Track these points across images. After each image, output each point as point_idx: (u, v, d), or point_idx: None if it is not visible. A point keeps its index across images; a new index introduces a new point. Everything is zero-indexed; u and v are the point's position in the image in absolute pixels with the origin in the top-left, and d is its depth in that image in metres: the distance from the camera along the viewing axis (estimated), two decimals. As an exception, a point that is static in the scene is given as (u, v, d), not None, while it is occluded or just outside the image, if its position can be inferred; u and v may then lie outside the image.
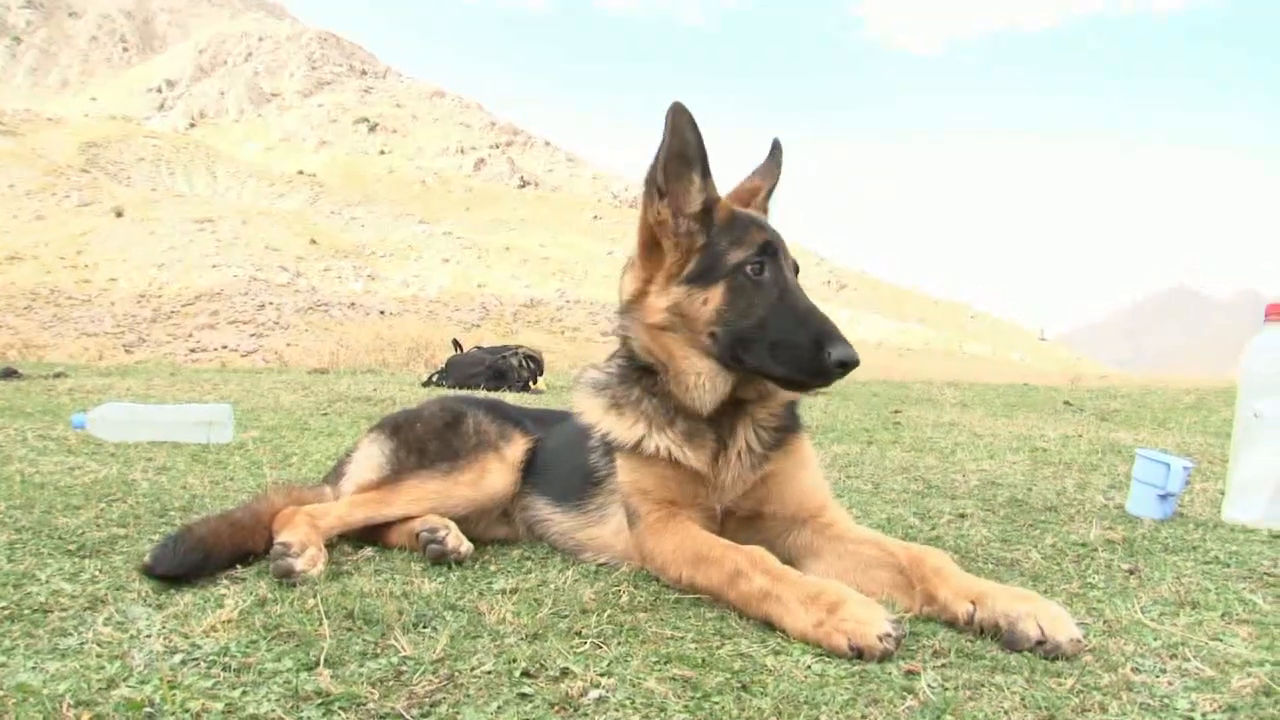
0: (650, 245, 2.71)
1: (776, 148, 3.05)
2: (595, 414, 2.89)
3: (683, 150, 2.62)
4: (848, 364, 2.43)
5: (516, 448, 3.22)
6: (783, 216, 2.84)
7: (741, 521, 2.78)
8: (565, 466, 3.13)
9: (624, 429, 2.79)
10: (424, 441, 3.18)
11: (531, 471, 3.22)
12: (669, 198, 2.65)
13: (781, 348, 2.50)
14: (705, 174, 2.65)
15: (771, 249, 2.62)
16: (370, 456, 3.22)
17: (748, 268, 2.57)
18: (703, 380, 2.64)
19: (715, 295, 2.57)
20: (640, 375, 2.80)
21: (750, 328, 2.54)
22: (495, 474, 3.12)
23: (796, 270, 2.70)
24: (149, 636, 2.07)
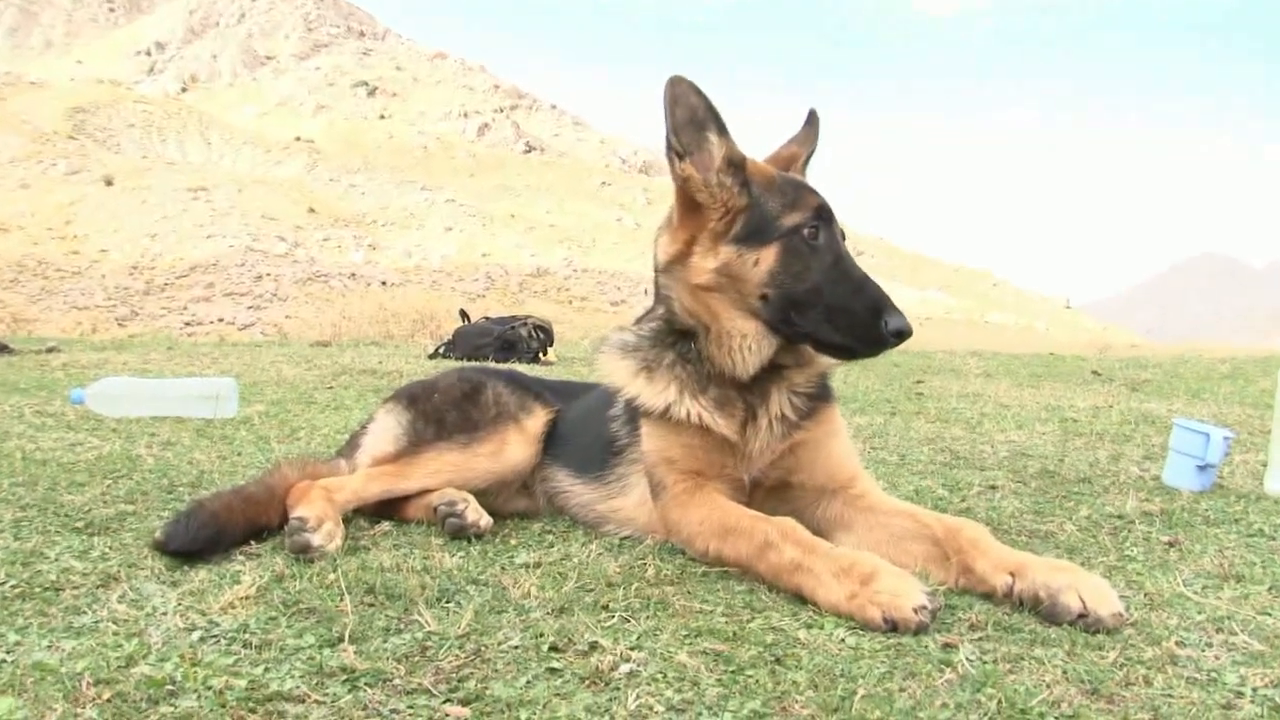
0: (689, 205, 2.71)
1: (813, 117, 3.08)
2: (623, 377, 2.90)
3: (692, 115, 2.64)
4: (904, 334, 2.48)
5: (537, 419, 3.23)
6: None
7: (770, 492, 2.79)
8: (586, 437, 3.16)
9: (653, 393, 2.80)
10: (442, 412, 3.20)
11: (552, 443, 3.24)
12: (689, 157, 2.67)
13: (838, 314, 2.53)
14: (722, 131, 2.67)
15: (827, 213, 2.64)
16: (386, 428, 3.23)
17: (805, 230, 2.59)
18: (748, 342, 2.66)
19: (768, 257, 2.58)
20: (675, 339, 2.81)
21: (805, 292, 2.56)
22: (515, 445, 3.13)
23: (844, 237, 2.71)
24: (165, 614, 2.09)
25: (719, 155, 2.67)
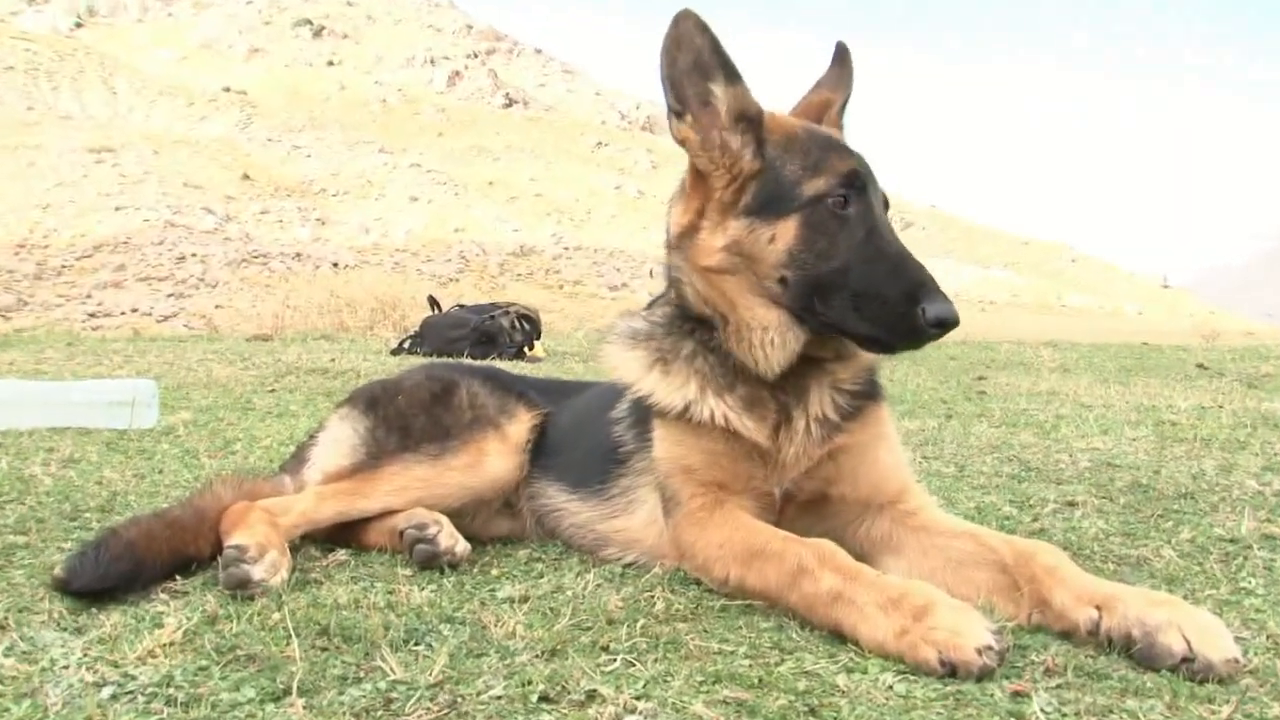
0: (698, 170, 2.75)
1: (843, 53, 3.10)
2: (633, 371, 2.92)
3: (696, 60, 2.67)
4: (946, 323, 2.48)
5: (520, 424, 3.26)
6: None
7: (804, 508, 2.82)
8: (584, 444, 3.18)
9: (670, 390, 2.82)
10: (407, 418, 3.22)
11: (541, 453, 3.26)
12: (690, 114, 2.70)
13: (867, 300, 2.54)
14: (731, 79, 2.69)
15: (859, 179, 2.65)
16: (341, 438, 3.25)
17: (829, 200, 2.60)
18: (770, 335, 2.68)
19: (786, 231, 2.60)
20: (694, 326, 2.84)
21: (831, 273, 2.57)
22: (495, 456, 3.15)
23: (887, 205, 2.72)
24: (66, 667, 2.08)
25: (726, 109, 2.69)
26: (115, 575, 2.55)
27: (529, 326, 12.27)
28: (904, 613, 2.17)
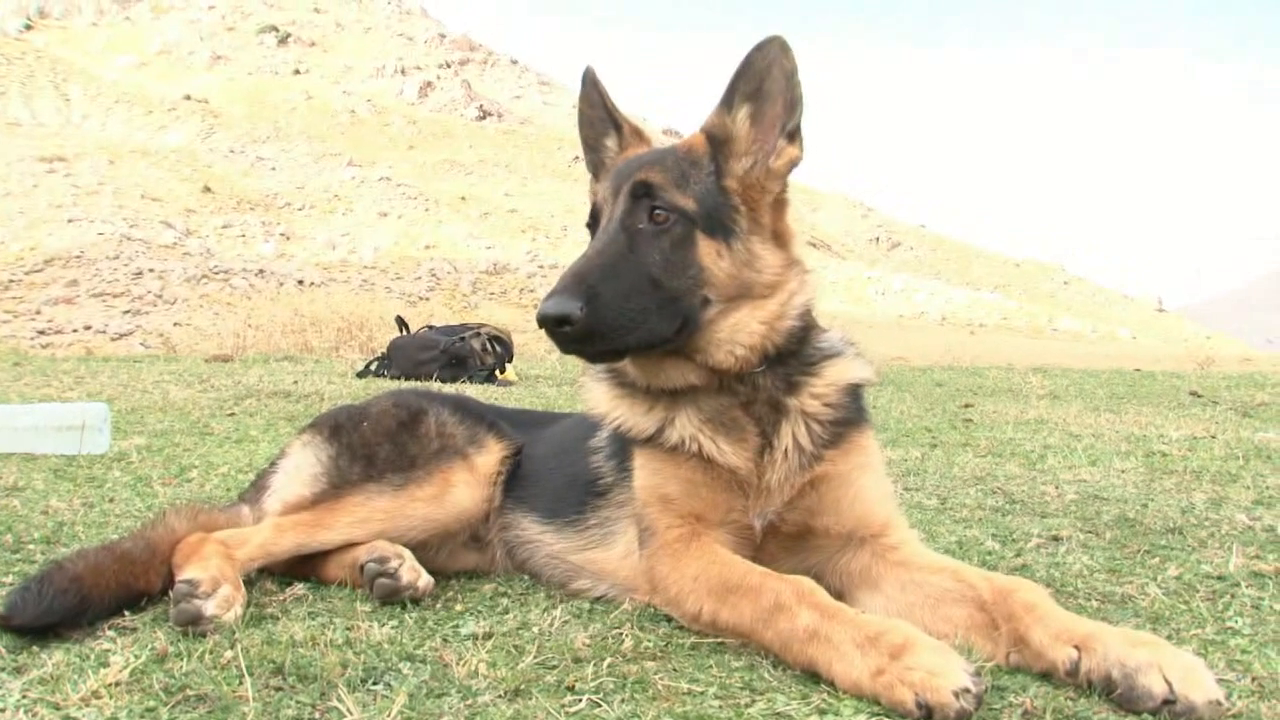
0: None
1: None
2: (603, 401, 2.98)
3: (590, 117, 2.99)
4: (539, 320, 2.58)
5: (490, 455, 3.27)
6: (814, 156, 2.92)
7: (786, 541, 2.83)
8: (560, 475, 3.21)
9: (638, 415, 2.87)
10: (372, 446, 3.22)
11: (515, 483, 3.28)
12: (601, 171, 2.97)
13: None
14: (619, 131, 2.98)
15: (595, 211, 2.85)
16: (302, 466, 3.25)
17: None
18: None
19: None
20: None
21: None
22: (462, 488, 3.17)
23: (640, 195, 2.73)
24: (3, 710, 2.08)
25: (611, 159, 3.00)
26: (59, 611, 2.54)
27: (501, 349, 12.28)
28: (881, 651, 2.18)
